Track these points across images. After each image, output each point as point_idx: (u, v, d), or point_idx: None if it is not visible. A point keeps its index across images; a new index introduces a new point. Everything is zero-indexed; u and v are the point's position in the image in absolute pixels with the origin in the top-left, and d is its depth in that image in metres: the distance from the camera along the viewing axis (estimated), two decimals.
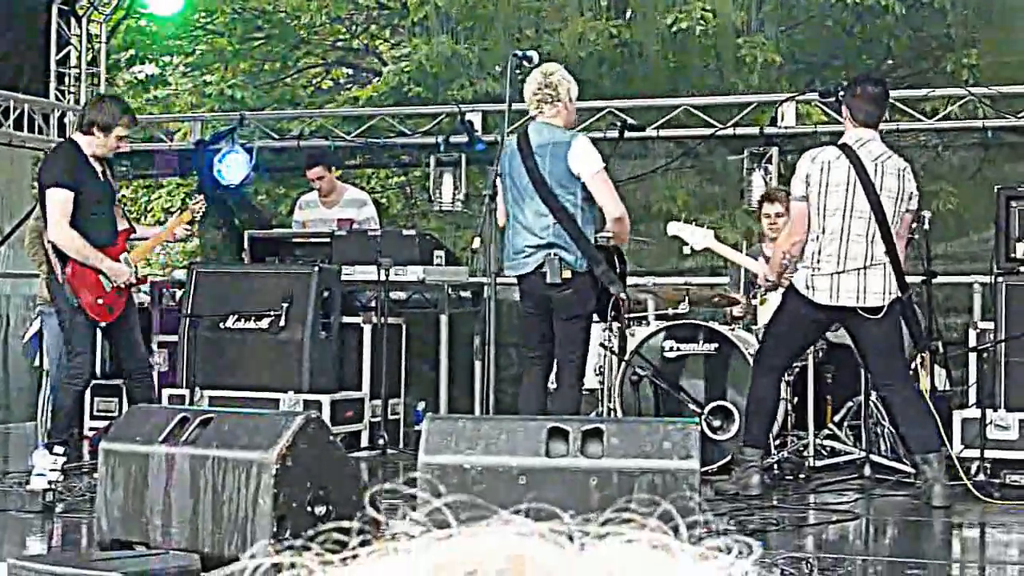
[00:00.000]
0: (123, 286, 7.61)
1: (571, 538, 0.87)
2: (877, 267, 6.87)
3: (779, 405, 7.54)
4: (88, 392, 9.49)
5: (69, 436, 7.79)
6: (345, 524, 0.95)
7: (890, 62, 15.83)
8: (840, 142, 7.05)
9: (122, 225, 7.87)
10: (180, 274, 10.22)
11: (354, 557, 0.88)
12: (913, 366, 7.73)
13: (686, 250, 7.73)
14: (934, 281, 8.09)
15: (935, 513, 6.70)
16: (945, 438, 7.09)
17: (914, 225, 7.45)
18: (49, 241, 7.58)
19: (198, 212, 8.35)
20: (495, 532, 0.85)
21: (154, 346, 9.73)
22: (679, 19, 14.39)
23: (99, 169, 7.61)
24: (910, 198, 7.04)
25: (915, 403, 7.01)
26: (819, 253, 6.93)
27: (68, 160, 7.59)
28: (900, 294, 6.93)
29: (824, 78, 14.39)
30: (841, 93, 7.38)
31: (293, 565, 0.88)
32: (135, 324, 7.91)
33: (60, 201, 7.42)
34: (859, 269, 6.86)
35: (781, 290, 7.59)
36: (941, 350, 8.11)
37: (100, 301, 7.55)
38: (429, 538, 0.86)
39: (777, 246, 7.47)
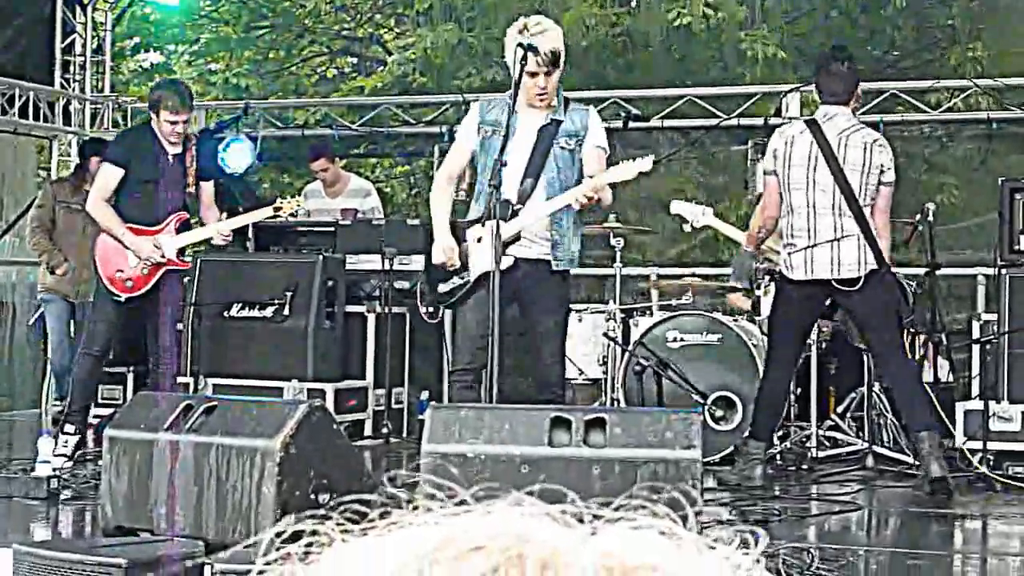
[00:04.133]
0: (149, 264, 7.61)
1: (582, 521, 0.88)
2: (849, 239, 6.87)
3: (787, 401, 7.54)
4: None
5: (83, 413, 7.80)
6: (366, 497, 0.97)
7: (895, 54, 15.82)
8: (808, 118, 7.10)
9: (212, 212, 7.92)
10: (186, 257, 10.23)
11: (372, 528, 0.90)
12: (923, 355, 7.79)
13: (686, 228, 7.75)
14: (938, 273, 8.10)
15: (938, 504, 6.70)
16: (935, 422, 7.08)
17: (919, 216, 7.46)
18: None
19: (289, 211, 8.13)
20: (506, 511, 0.87)
21: None
22: (681, 15, 14.38)
23: (172, 152, 7.67)
24: (881, 171, 6.97)
25: (910, 379, 7.05)
26: (791, 228, 6.97)
27: (130, 138, 7.92)
28: (878, 267, 6.90)
29: None
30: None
31: (315, 533, 0.90)
32: (163, 311, 7.84)
33: (103, 175, 7.71)
34: (831, 241, 6.88)
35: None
36: (945, 342, 8.12)
37: (119, 274, 7.62)
38: (442, 513, 0.88)
39: (753, 220, 7.53)
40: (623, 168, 6.11)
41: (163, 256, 7.64)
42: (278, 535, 0.92)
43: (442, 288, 6.26)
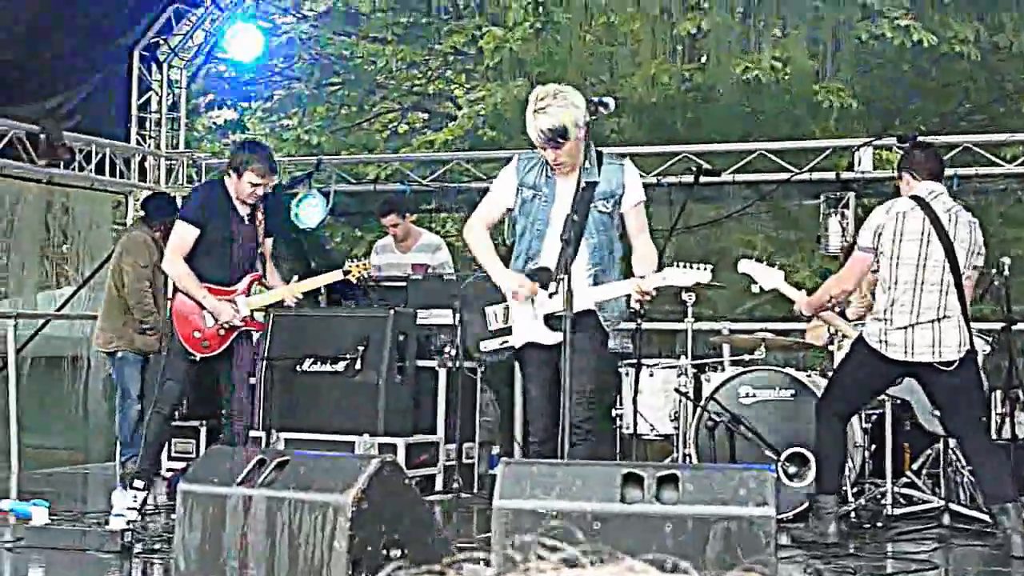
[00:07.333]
0: (227, 326, 7.65)
1: None
2: (951, 319, 6.80)
3: (846, 450, 7.44)
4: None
5: (152, 470, 7.84)
6: (480, 555, 0.97)
7: (967, 106, 15.72)
8: (911, 195, 6.99)
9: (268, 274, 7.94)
10: (258, 317, 10.31)
11: None
12: (1002, 412, 7.66)
13: (754, 288, 7.66)
14: (1014, 328, 7.99)
15: (1016, 564, 6.59)
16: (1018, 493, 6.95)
17: (994, 271, 7.37)
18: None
19: (357, 275, 8.16)
20: (618, 573, 0.86)
21: None
22: (749, 68, 14.39)
23: (244, 212, 7.71)
24: (979, 253, 6.99)
25: (990, 453, 6.91)
26: (892, 305, 6.86)
27: (205, 197, 7.79)
28: (971, 347, 6.85)
29: (900, 123, 14.32)
30: (900, 159, 7.36)
31: None
32: (239, 367, 7.82)
33: (179, 234, 7.64)
34: (932, 321, 6.79)
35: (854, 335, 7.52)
36: (1022, 397, 8.00)
37: (196, 335, 7.63)
38: (553, 572, 0.88)
39: (825, 287, 7.35)
40: (681, 274, 6.05)
41: (240, 318, 7.68)
42: None
43: (485, 346, 6.27)
